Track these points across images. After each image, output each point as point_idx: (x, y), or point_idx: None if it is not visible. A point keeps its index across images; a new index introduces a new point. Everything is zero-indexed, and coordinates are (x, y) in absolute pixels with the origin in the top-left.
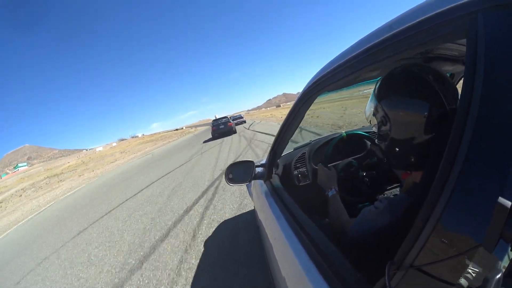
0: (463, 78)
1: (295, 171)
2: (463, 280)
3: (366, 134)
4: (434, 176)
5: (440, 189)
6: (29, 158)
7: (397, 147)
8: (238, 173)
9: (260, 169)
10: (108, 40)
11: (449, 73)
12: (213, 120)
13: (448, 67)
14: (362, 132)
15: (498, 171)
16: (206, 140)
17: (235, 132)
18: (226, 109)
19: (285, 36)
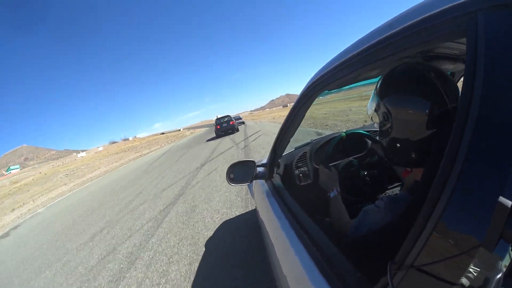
0: (463, 76)
1: (296, 171)
2: (463, 280)
3: (367, 133)
4: (435, 174)
5: (440, 188)
6: (26, 159)
7: (398, 143)
8: (239, 173)
9: (261, 169)
10: (111, 40)
11: (449, 72)
12: (216, 119)
13: (448, 66)
14: (363, 131)
15: (498, 171)
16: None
17: (237, 130)
18: (229, 110)
19: (288, 37)
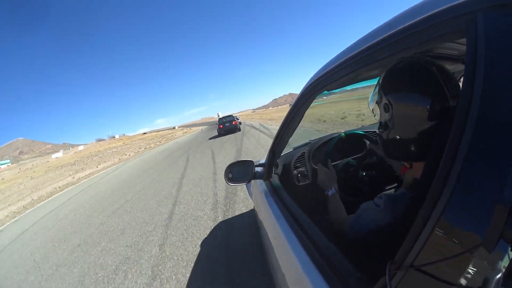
0: (463, 77)
1: (295, 171)
2: (463, 280)
3: (365, 133)
4: (434, 172)
5: (440, 188)
6: (20, 152)
7: (398, 135)
8: (238, 172)
9: (259, 169)
10: (116, 34)
11: None
12: (219, 118)
13: (448, 66)
14: (361, 132)
15: (498, 171)
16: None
17: (239, 130)
18: (232, 107)
19: (292, 36)
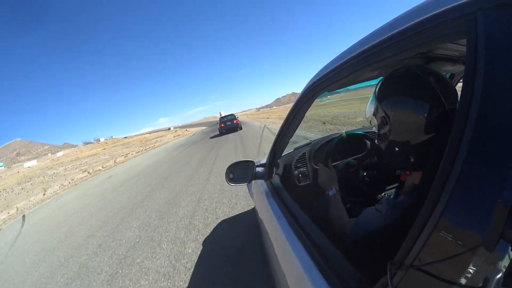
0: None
1: (296, 171)
2: (463, 280)
3: (366, 134)
4: (434, 177)
5: (440, 188)
6: (17, 154)
7: (396, 147)
8: (239, 173)
9: (260, 169)
10: (117, 33)
11: (449, 74)
12: (221, 117)
13: (449, 67)
14: (362, 132)
15: (498, 171)
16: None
17: (241, 128)
18: (235, 106)
19: (295, 35)
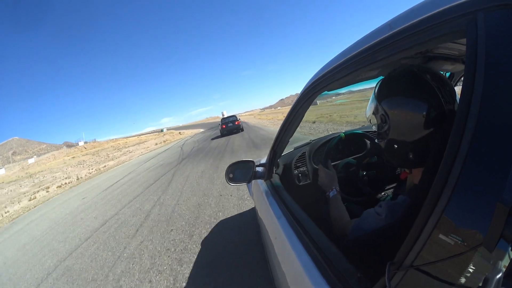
0: (463, 77)
1: (296, 171)
2: (463, 280)
3: (366, 133)
4: (434, 177)
5: (440, 189)
6: (14, 153)
7: (395, 144)
8: (239, 172)
9: (260, 169)
10: (121, 32)
11: (448, 73)
12: (222, 119)
13: (448, 67)
14: (362, 132)
15: (498, 171)
16: None
17: (242, 130)
18: (238, 107)
19: (298, 37)
